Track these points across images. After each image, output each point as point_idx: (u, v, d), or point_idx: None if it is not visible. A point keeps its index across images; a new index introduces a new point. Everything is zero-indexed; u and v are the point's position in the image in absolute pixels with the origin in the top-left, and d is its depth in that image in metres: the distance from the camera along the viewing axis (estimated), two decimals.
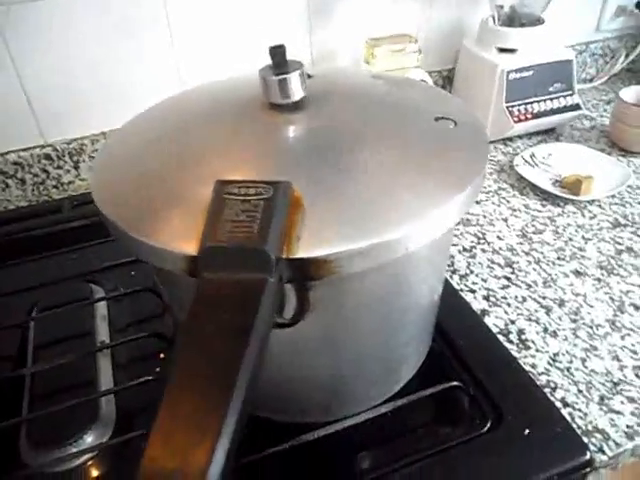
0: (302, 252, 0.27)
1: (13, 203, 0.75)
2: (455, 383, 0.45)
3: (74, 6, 0.66)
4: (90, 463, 0.43)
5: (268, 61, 0.35)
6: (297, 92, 0.35)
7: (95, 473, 0.43)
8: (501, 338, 0.51)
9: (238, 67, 0.78)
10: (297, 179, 0.30)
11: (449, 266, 0.60)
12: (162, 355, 0.52)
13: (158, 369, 0.50)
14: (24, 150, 0.73)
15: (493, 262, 0.61)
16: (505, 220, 0.68)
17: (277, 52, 0.34)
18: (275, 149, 0.33)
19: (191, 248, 0.27)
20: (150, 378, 0.47)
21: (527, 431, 0.42)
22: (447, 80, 0.92)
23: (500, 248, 0.63)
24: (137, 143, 0.37)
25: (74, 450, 0.43)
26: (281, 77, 0.34)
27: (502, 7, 0.78)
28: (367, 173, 0.31)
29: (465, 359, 0.48)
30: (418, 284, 0.37)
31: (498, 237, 0.65)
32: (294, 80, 0.34)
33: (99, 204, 0.32)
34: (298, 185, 0.29)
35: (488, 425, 0.43)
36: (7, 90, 0.69)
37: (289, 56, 0.35)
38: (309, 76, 0.38)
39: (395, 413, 0.43)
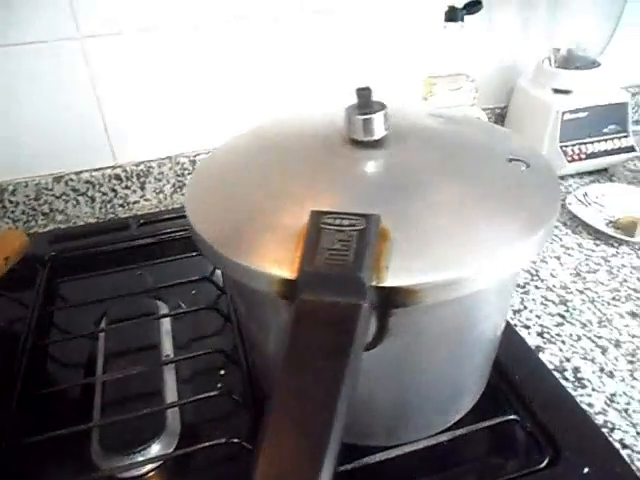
0: (391, 281, 0.29)
1: (82, 219, 0.80)
2: (513, 417, 0.46)
3: (156, 35, 0.71)
4: (153, 473, 0.45)
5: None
6: (379, 131, 0.37)
7: None
8: (556, 375, 0.51)
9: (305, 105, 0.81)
10: (382, 212, 0.32)
11: None
12: (222, 372, 0.54)
13: (219, 385, 0.52)
14: (96, 170, 0.78)
15: (547, 299, 0.61)
16: (558, 258, 0.68)
17: (363, 94, 0.36)
18: (359, 183, 0.36)
19: (288, 272, 0.29)
20: (214, 394, 0.49)
21: (586, 469, 0.42)
22: (499, 118, 0.93)
23: (554, 285, 0.63)
24: (226, 170, 0.40)
25: (141, 458, 0.45)
26: (366, 117, 0.37)
27: (559, 50, 0.80)
28: (447, 209, 0.33)
29: (521, 393, 0.48)
30: (487, 317, 0.39)
31: (551, 274, 0.65)
32: (378, 120, 0.37)
33: (195, 225, 0.35)
34: (383, 218, 0.31)
35: (546, 461, 0.43)
36: (86, 112, 0.74)
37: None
38: None
39: (452, 443, 0.44)
